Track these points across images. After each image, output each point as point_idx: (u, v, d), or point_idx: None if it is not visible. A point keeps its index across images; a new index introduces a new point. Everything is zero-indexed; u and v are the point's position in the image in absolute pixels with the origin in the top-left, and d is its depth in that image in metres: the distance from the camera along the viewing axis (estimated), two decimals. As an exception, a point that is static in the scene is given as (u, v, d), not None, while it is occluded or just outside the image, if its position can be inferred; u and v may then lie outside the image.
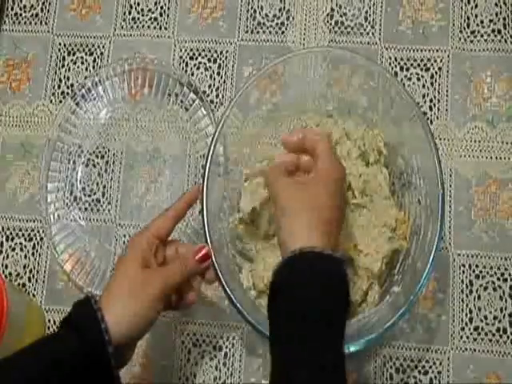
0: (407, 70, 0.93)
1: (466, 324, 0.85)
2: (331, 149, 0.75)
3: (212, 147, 0.80)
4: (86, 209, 0.93)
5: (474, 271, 0.86)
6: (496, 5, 0.94)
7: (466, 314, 0.85)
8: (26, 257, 0.93)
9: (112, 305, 0.68)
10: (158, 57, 0.96)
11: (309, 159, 0.75)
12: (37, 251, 0.93)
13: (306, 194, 0.70)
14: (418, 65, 0.93)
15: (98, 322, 0.66)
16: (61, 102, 0.97)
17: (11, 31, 1.01)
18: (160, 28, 0.99)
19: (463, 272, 0.86)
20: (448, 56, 0.93)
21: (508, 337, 0.85)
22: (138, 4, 1.00)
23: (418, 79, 0.93)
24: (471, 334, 0.85)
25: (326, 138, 0.77)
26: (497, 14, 0.94)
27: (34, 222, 0.94)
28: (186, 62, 0.97)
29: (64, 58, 0.99)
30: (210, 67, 0.97)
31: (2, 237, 0.94)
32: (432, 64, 0.93)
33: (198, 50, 0.97)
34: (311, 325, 0.63)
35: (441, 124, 0.91)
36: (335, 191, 0.71)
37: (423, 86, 0.93)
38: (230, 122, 0.82)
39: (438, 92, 0.92)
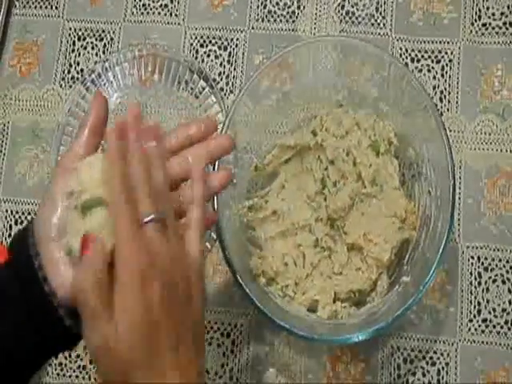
0: (418, 61, 0.93)
1: (475, 316, 0.85)
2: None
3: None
4: (94, 194, 0.93)
5: (482, 263, 0.86)
6: (508, -3, 0.94)
7: (475, 306, 0.85)
8: (34, 240, 0.93)
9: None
10: (168, 43, 0.96)
11: None
12: (45, 235, 0.93)
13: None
14: (429, 56, 0.93)
15: (27, 238, 0.62)
16: (71, 86, 0.97)
17: (21, 15, 1.01)
18: (170, 15, 0.98)
19: (472, 264, 0.86)
20: (459, 48, 0.93)
21: (516, 329, 0.85)
22: (149, -10, 1.00)
23: (429, 71, 0.93)
24: (479, 326, 0.85)
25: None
26: (508, 7, 0.94)
27: (43, 206, 0.94)
28: (197, 49, 0.97)
29: (74, 43, 0.99)
30: (221, 55, 0.96)
31: (11, 220, 0.94)
32: (443, 56, 0.93)
33: (208, 37, 0.97)
34: None
35: (451, 116, 0.91)
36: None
37: (434, 77, 0.93)
38: (240, 109, 0.82)
39: (449, 84, 0.92)
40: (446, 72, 0.92)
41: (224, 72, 0.96)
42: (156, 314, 0.57)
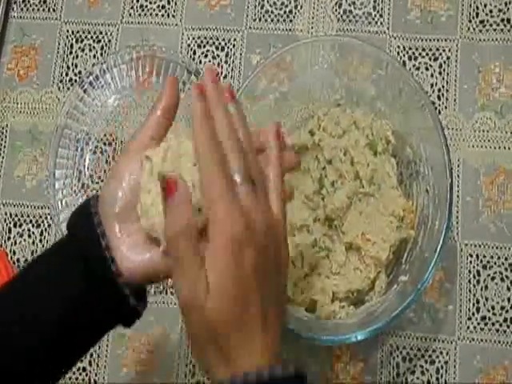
0: (415, 59, 0.93)
1: (473, 314, 0.85)
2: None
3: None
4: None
5: (481, 261, 0.86)
6: (505, -6, 0.94)
7: (473, 304, 0.85)
8: (33, 243, 0.94)
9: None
10: (165, 45, 0.96)
11: None
12: (44, 238, 0.94)
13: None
14: (427, 54, 0.93)
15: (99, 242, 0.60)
16: (69, 89, 0.97)
17: (19, 18, 1.01)
18: (168, 16, 0.98)
19: (470, 262, 0.86)
20: (457, 45, 0.93)
21: (515, 327, 0.85)
22: (147, -9, 1.00)
23: (427, 69, 0.93)
24: (478, 324, 0.85)
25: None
26: (506, 4, 0.93)
27: (42, 208, 0.94)
28: (194, 50, 0.97)
29: (72, 46, 0.99)
30: (218, 55, 0.96)
31: (10, 223, 0.95)
32: (440, 53, 0.93)
33: (205, 38, 0.97)
34: None
35: (449, 114, 0.91)
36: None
37: (431, 75, 0.93)
38: (237, 110, 0.82)
39: (447, 82, 0.92)
40: (444, 70, 0.92)
41: (221, 72, 0.96)
42: (247, 280, 0.56)
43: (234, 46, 0.96)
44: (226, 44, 0.97)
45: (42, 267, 0.63)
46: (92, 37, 0.99)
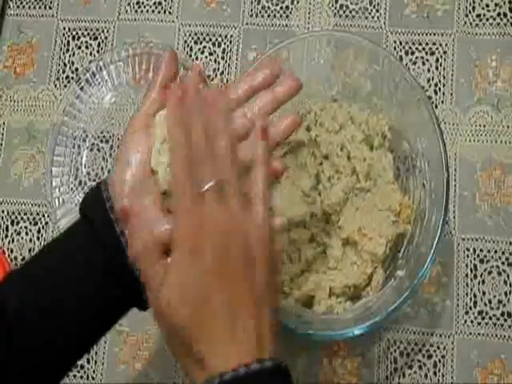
0: (412, 54, 0.93)
1: (471, 308, 0.85)
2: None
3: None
4: (90, 193, 0.93)
5: (478, 255, 0.86)
6: (502, -12, 0.94)
7: (471, 299, 0.85)
8: (31, 241, 0.94)
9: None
10: (162, 41, 0.96)
11: None
12: (42, 235, 0.94)
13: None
14: (423, 49, 0.93)
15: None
16: (65, 86, 0.98)
17: (15, 15, 1.01)
18: (164, 12, 0.98)
19: (467, 256, 0.86)
20: (453, 40, 0.93)
21: (512, 321, 0.85)
22: (143, -12, 1.00)
23: (423, 63, 0.93)
24: (475, 318, 0.85)
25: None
26: (502, -2, 0.94)
27: (39, 206, 0.94)
28: (191, 47, 0.97)
29: (68, 43, 0.99)
30: (215, 51, 0.96)
31: (8, 221, 0.95)
32: (437, 48, 0.93)
33: (202, 34, 0.97)
34: None
35: (445, 108, 0.91)
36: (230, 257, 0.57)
37: (428, 70, 0.92)
38: (234, 106, 0.82)
39: (443, 76, 0.92)
40: (441, 64, 0.92)
41: (218, 68, 0.96)
42: (208, 284, 0.56)
43: (230, 42, 0.96)
44: (222, 40, 0.97)
45: (57, 252, 0.64)
46: (88, 34, 0.99)
